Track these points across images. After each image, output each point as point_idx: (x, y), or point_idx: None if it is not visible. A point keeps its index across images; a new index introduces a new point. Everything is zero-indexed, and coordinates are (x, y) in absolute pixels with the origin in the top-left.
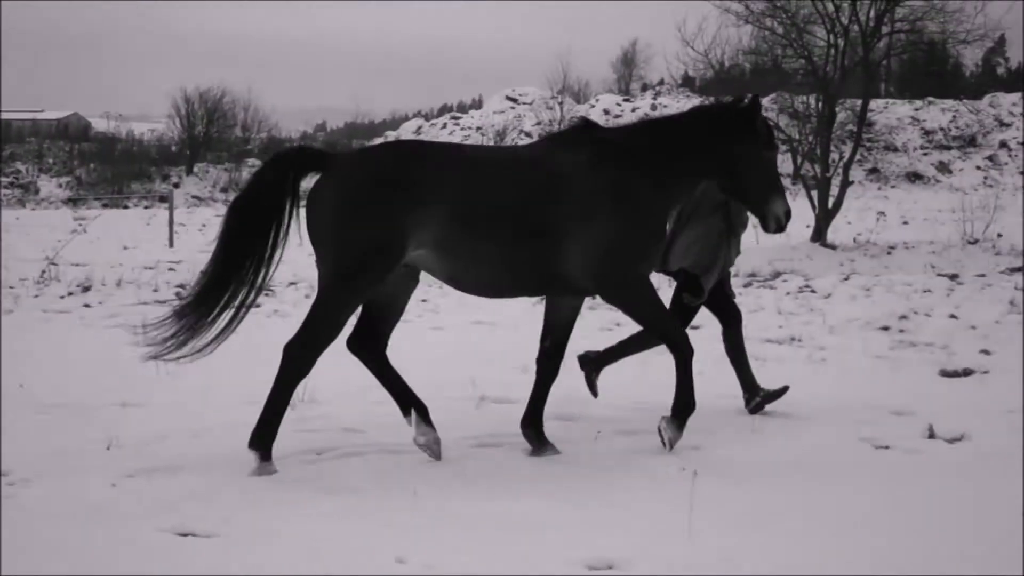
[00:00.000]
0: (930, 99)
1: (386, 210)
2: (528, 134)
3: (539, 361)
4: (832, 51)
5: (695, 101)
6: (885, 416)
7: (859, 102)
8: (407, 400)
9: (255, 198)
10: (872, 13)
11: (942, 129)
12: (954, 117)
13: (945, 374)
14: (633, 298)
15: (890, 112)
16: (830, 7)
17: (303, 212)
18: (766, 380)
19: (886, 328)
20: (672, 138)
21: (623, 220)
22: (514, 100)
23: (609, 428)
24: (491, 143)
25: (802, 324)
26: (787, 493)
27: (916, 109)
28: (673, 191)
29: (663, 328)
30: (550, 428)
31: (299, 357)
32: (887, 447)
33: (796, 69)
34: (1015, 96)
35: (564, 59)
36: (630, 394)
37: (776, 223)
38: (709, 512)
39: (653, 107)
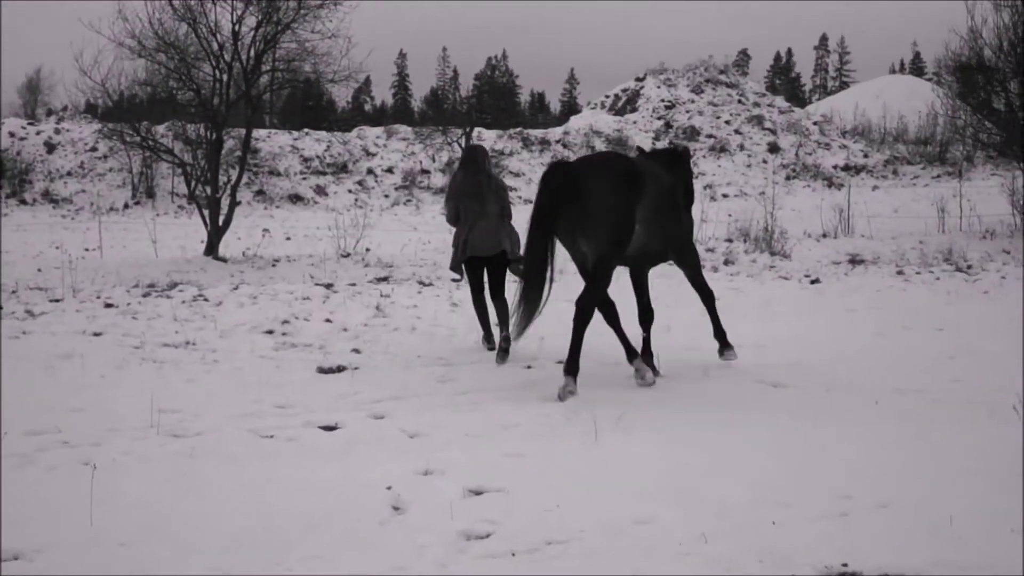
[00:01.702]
0: (307, 130)
1: (632, 199)
2: None
3: (643, 313)
4: (218, 85)
5: (96, 126)
6: (270, 409)
7: (244, 131)
8: (631, 348)
9: (549, 201)
10: (253, 53)
11: (318, 157)
12: (328, 146)
13: (322, 371)
14: (696, 261)
15: (273, 141)
16: (215, 46)
17: None
18: (164, 383)
19: (271, 332)
20: (670, 164)
21: (687, 209)
22: None
23: (16, 430)
24: None
25: (196, 329)
26: (181, 480)
27: (295, 139)
28: None
29: (704, 280)
30: None
31: (588, 307)
32: (271, 436)
33: (189, 100)
34: (379, 129)
35: None
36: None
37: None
38: (110, 503)
39: (57, 131)
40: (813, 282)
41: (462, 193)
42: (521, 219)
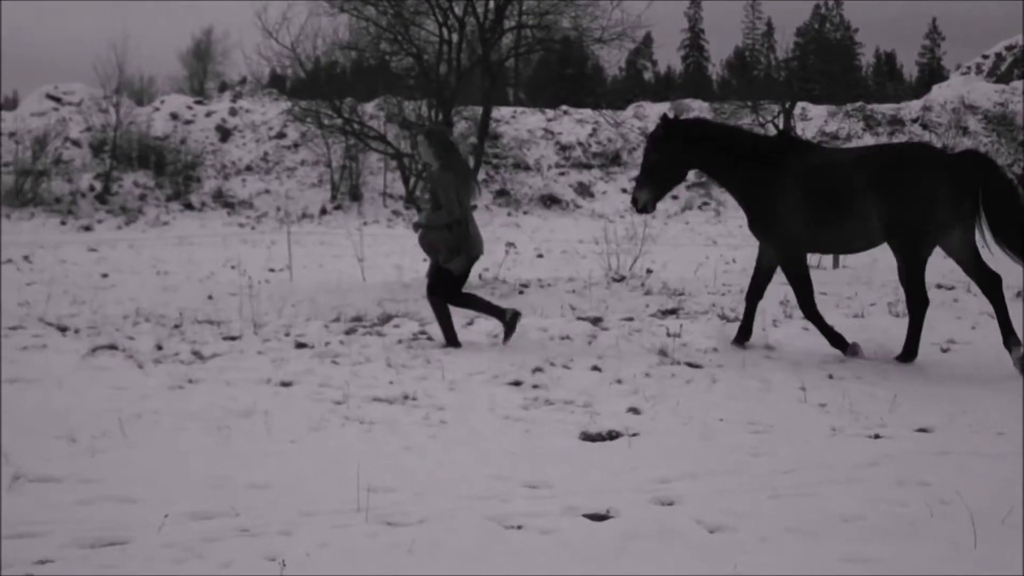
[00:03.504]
0: (565, 108)
1: None
2: (75, 142)
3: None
4: (446, 48)
5: (284, 105)
6: (517, 489)
7: (480, 110)
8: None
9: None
10: (492, 4)
11: (581, 144)
12: (594, 130)
13: (588, 437)
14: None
15: (519, 123)
16: None
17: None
18: (374, 451)
19: (518, 383)
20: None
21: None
22: (57, 100)
23: (179, 511)
24: (29, 152)
25: (417, 379)
26: None
27: (550, 120)
28: None
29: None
30: None
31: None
32: (519, 527)
33: (407, 69)
34: (664, 105)
35: (120, 50)
36: None
37: None
38: None
39: (232, 111)
40: None
41: (459, 184)
42: None
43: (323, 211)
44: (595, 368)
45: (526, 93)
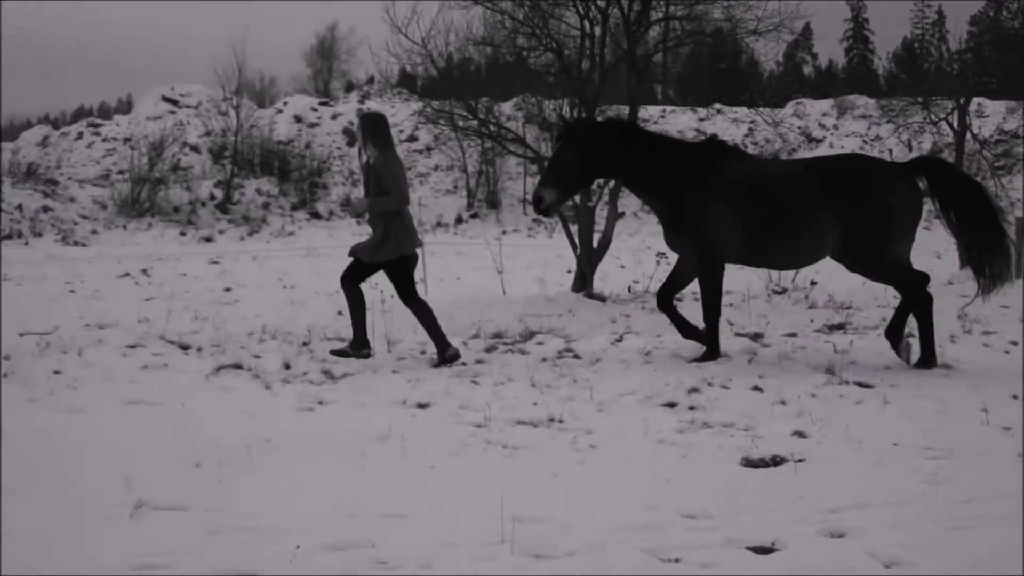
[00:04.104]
0: (719, 106)
1: None
2: (194, 147)
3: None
4: (588, 42)
5: (415, 106)
6: (673, 519)
7: (626, 109)
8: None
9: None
10: None
11: (736, 145)
12: (750, 130)
13: (750, 463)
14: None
15: (669, 122)
16: None
17: None
18: (518, 478)
19: (672, 404)
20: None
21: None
22: (174, 102)
23: (312, 542)
24: (145, 157)
25: (563, 400)
26: None
27: (702, 119)
28: None
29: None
30: None
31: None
32: (677, 560)
33: (546, 65)
34: (826, 102)
35: (240, 48)
36: None
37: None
38: None
39: (360, 113)
40: None
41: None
42: None
43: (459, 220)
44: (756, 388)
45: (675, 90)
